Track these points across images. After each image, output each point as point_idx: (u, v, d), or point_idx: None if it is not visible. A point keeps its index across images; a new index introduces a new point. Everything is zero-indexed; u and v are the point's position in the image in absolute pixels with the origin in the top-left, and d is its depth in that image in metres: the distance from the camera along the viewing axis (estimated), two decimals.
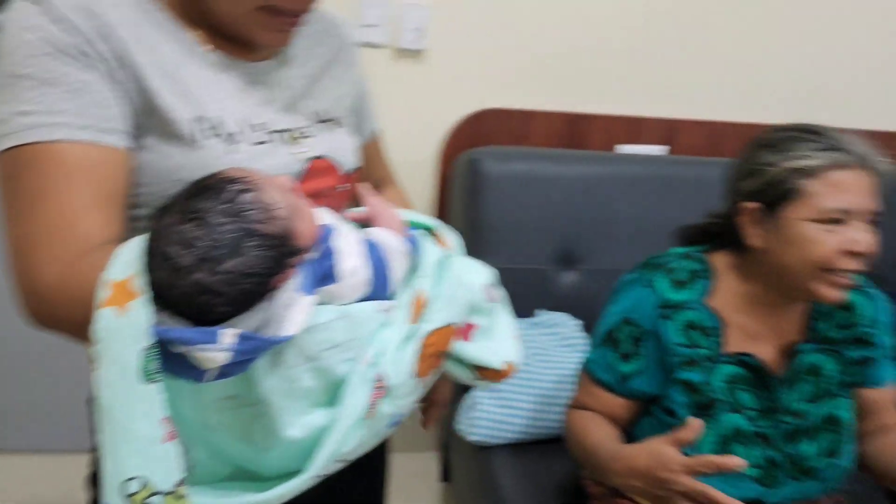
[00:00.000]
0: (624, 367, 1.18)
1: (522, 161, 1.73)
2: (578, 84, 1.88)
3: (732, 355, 1.15)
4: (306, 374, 0.74)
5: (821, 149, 1.07)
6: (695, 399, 1.14)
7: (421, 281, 0.83)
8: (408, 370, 0.79)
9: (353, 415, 0.75)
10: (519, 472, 1.45)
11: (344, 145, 0.95)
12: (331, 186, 0.92)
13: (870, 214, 1.06)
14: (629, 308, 1.18)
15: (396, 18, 1.71)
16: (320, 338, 0.74)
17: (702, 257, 1.19)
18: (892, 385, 1.23)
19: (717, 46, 1.90)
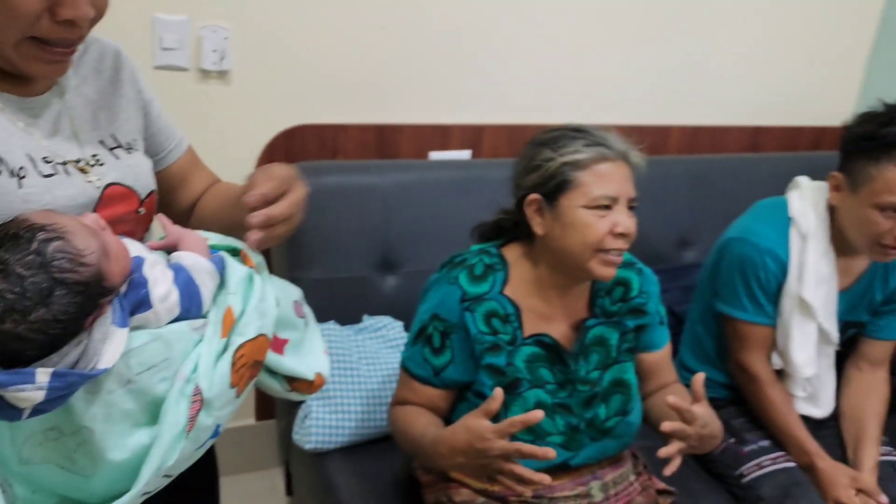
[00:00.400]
0: (436, 361, 1.27)
1: (337, 174, 1.79)
2: (387, 96, 1.95)
3: (530, 337, 1.27)
4: (124, 397, 0.77)
5: (588, 145, 1.22)
6: (500, 380, 1.25)
7: (230, 297, 0.87)
8: (223, 382, 0.83)
9: (175, 429, 0.78)
10: (354, 472, 1.51)
11: (139, 169, 0.96)
12: (129, 212, 0.94)
13: (630, 201, 1.22)
14: (437, 305, 1.27)
15: (195, 41, 1.72)
16: (135, 361, 0.77)
17: (496, 251, 1.31)
18: (666, 348, 1.41)
19: (512, 56, 2.05)
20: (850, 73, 2.57)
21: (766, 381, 1.61)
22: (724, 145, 2.43)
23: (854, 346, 1.73)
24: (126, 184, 0.92)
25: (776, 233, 1.59)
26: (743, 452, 1.61)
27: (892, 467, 1.62)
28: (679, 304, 1.99)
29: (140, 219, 0.96)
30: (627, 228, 1.19)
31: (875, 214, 1.46)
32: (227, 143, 1.83)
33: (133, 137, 0.98)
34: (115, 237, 0.80)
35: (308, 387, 0.96)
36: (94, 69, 0.95)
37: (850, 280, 1.64)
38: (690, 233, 2.16)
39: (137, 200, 0.95)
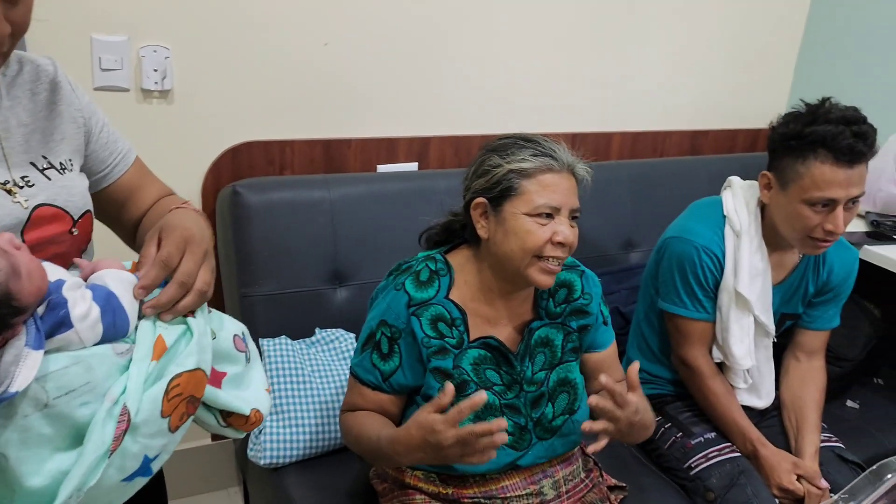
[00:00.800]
0: (385, 366, 1.29)
1: (285, 189, 1.80)
2: (333, 111, 1.97)
3: (476, 340, 1.30)
4: (41, 421, 0.75)
5: (535, 154, 1.25)
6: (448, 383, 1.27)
7: (159, 327, 0.86)
8: (153, 408, 0.81)
9: (99, 449, 0.77)
10: (310, 485, 1.51)
11: (72, 190, 0.95)
12: (62, 233, 0.93)
13: (572, 212, 1.26)
14: (384, 311, 1.29)
15: (135, 61, 1.71)
16: (53, 385, 0.75)
17: (441, 257, 1.34)
18: (611, 348, 1.44)
19: (457, 69, 2.09)
20: (780, 76, 2.68)
21: (707, 374, 1.67)
22: (664, 149, 2.50)
23: (790, 337, 1.80)
24: (57, 204, 0.92)
25: (711, 231, 1.65)
26: (690, 445, 1.66)
27: (832, 453, 1.69)
28: (626, 304, 2.05)
29: (74, 240, 0.95)
30: (566, 238, 1.23)
31: (805, 209, 1.53)
32: (172, 162, 1.82)
33: (67, 157, 0.97)
34: (29, 257, 0.78)
35: (243, 423, 0.95)
36: (29, 91, 0.95)
37: (784, 274, 1.71)
38: (635, 235, 2.22)
39: (70, 221, 0.94)
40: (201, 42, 1.77)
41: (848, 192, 1.49)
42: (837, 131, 1.46)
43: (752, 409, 1.71)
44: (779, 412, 1.77)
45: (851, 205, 1.52)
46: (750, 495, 1.54)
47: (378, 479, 1.43)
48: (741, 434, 1.63)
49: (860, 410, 2.02)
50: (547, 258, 1.23)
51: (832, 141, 1.46)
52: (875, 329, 2.07)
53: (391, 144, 2.06)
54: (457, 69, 2.10)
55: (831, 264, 1.71)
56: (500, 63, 2.15)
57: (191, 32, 1.75)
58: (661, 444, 1.71)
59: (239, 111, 1.86)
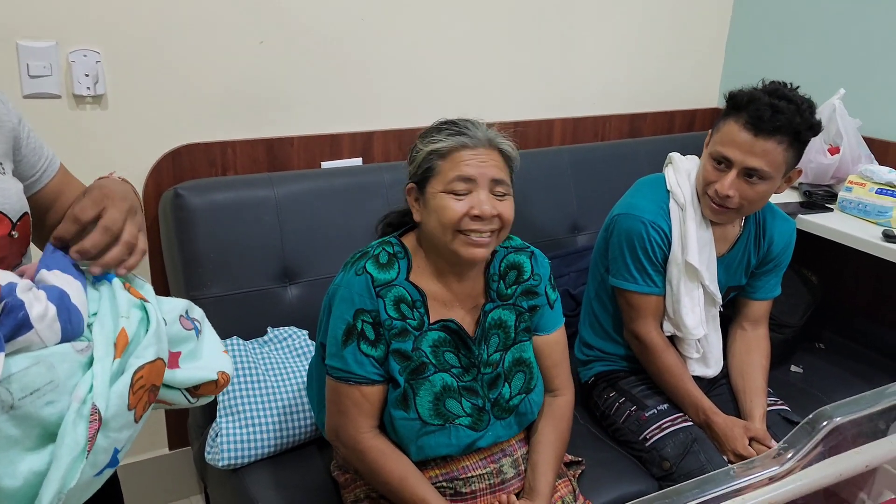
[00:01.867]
0: (376, 352, 1.27)
1: (228, 190, 1.78)
2: (274, 110, 1.95)
3: (436, 322, 1.31)
4: (7, 423, 0.75)
5: (450, 135, 1.28)
6: (407, 365, 1.28)
7: (121, 320, 0.87)
8: (121, 402, 0.82)
9: (74, 450, 0.77)
10: (271, 483, 1.50)
11: (7, 192, 0.94)
12: (2, 236, 0.92)
13: (493, 184, 1.26)
14: (354, 300, 1.27)
15: (65, 66, 1.67)
16: (17, 387, 0.75)
17: (396, 241, 1.34)
18: (557, 332, 1.46)
19: (396, 62, 2.09)
20: (713, 57, 2.75)
21: (659, 347, 1.71)
22: (604, 133, 2.55)
23: (735, 307, 1.86)
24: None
25: (657, 206, 1.69)
26: (644, 418, 1.70)
27: (779, 415, 1.75)
28: (575, 286, 2.09)
29: (14, 242, 0.93)
30: (484, 210, 1.24)
31: (708, 163, 1.62)
32: (109, 167, 1.73)
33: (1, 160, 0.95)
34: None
35: (213, 388, 0.96)
36: None
37: (727, 246, 1.76)
38: (580, 218, 2.26)
39: (9, 224, 0.92)
40: (133, 44, 1.74)
41: (744, 158, 1.55)
42: (756, 97, 1.53)
43: (701, 379, 1.76)
44: (727, 380, 1.82)
45: (749, 178, 1.57)
46: (703, 461, 1.58)
47: (339, 470, 1.43)
48: (694, 405, 1.68)
49: (804, 374, 2.09)
50: (467, 232, 1.25)
51: (747, 105, 1.54)
52: (814, 295, 2.15)
53: (334, 140, 2.06)
54: (397, 63, 2.10)
55: (771, 235, 1.77)
56: (440, 55, 2.17)
57: (121, 35, 1.72)
58: (617, 419, 1.74)
59: (177, 113, 1.83)
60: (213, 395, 0.99)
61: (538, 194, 2.20)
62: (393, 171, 1.97)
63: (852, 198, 2.04)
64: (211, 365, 0.97)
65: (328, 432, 1.34)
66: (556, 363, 1.44)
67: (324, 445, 1.60)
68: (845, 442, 0.87)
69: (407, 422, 1.27)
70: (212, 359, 0.99)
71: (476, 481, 1.32)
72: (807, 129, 1.55)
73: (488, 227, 1.25)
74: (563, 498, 1.40)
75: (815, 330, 2.25)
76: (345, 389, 1.28)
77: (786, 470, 0.80)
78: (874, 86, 2.28)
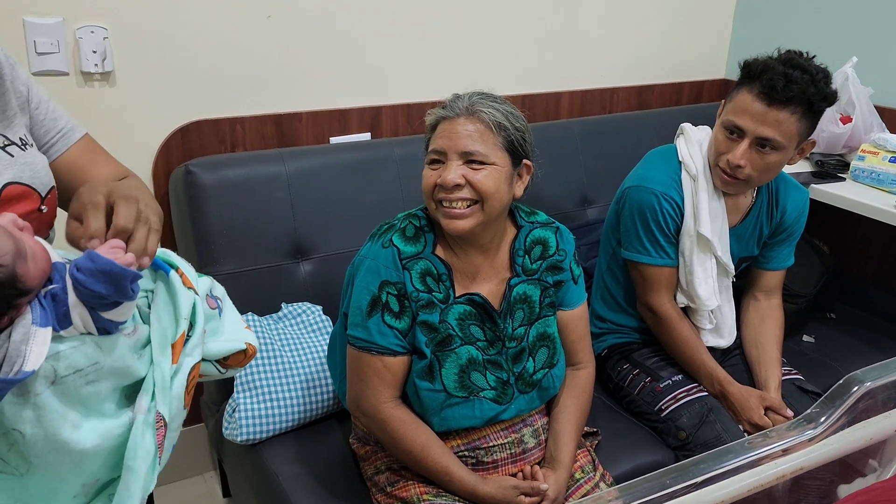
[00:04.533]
0: (400, 324, 1.28)
1: (239, 166, 1.77)
2: (282, 85, 1.94)
3: (462, 296, 1.31)
4: (51, 398, 0.76)
5: (440, 108, 1.29)
6: (434, 336, 1.28)
7: (182, 322, 0.87)
8: (179, 405, 0.85)
9: (147, 459, 0.81)
10: (290, 457, 1.51)
11: (35, 166, 0.93)
12: (32, 210, 0.91)
13: (466, 155, 1.24)
14: (380, 272, 1.27)
15: (73, 43, 1.65)
16: (62, 364, 0.76)
17: (422, 214, 1.34)
18: (581, 307, 1.46)
19: (403, 36, 2.06)
20: (720, 28, 2.73)
21: (674, 318, 1.71)
22: (612, 106, 2.53)
23: (748, 278, 1.86)
24: (24, 182, 0.90)
25: (669, 177, 1.68)
26: (659, 389, 1.70)
27: (793, 385, 1.75)
28: (586, 259, 2.08)
29: (43, 217, 0.93)
30: (445, 180, 1.22)
31: (720, 133, 1.61)
32: (118, 145, 1.73)
33: (24, 133, 0.94)
34: (33, 239, 0.78)
35: (242, 358, 0.97)
36: None
37: (739, 217, 1.75)
38: (590, 191, 2.25)
39: (38, 198, 0.92)
40: (140, 20, 1.72)
41: (756, 127, 1.53)
42: (770, 67, 1.51)
43: (715, 350, 1.76)
44: (741, 350, 1.82)
45: (762, 148, 1.56)
46: (720, 430, 1.59)
47: (359, 442, 1.44)
48: (709, 375, 1.68)
49: (816, 344, 2.09)
50: (443, 202, 1.25)
51: (761, 74, 1.52)
52: (826, 266, 2.15)
53: (343, 116, 2.04)
54: (404, 37, 2.08)
55: (784, 205, 1.76)
56: (447, 30, 2.14)
57: (129, 11, 1.70)
58: (631, 391, 1.75)
59: (185, 90, 1.82)
60: (241, 366, 1.00)
61: (547, 168, 2.15)
62: (402, 145, 1.96)
63: (865, 167, 2.03)
64: (237, 337, 0.98)
65: (349, 402, 1.35)
66: (580, 337, 1.45)
67: (343, 419, 1.61)
68: (875, 406, 0.87)
69: (432, 393, 1.27)
70: (235, 332, 0.99)
71: (497, 451, 1.33)
72: (821, 99, 1.54)
73: (456, 195, 1.23)
74: (582, 467, 1.41)
75: (827, 300, 2.25)
76: (367, 359, 1.28)
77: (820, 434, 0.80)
78: (886, 54, 2.26)
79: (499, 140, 1.26)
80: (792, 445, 0.79)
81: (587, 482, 1.40)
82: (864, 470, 1.20)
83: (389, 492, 1.33)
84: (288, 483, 1.44)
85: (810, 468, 0.81)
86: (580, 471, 1.40)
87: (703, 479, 0.73)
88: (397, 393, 1.31)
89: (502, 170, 1.26)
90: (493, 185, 1.24)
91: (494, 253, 1.35)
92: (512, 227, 1.39)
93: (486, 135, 1.25)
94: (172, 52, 1.77)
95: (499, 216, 1.30)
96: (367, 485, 1.40)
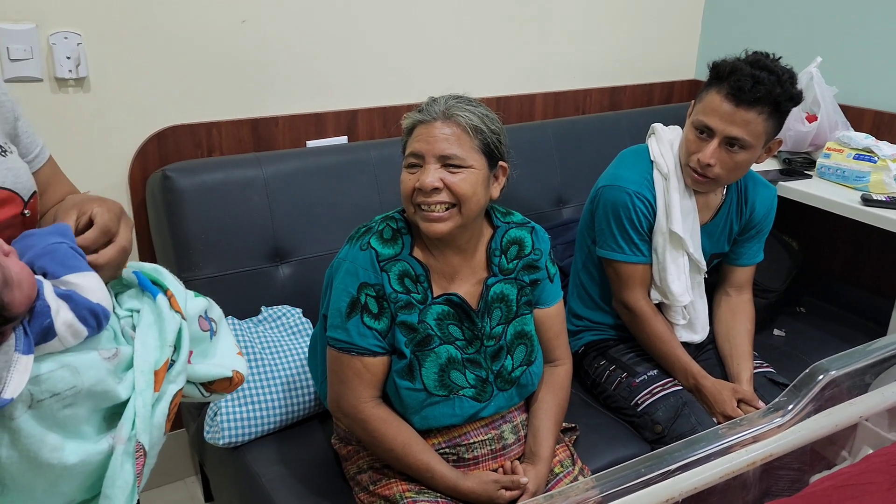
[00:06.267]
0: (379, 325, 1.29)
1: (216, 170, 1.77)
2: (258, 90, 1.94)
3: (440, 296, 1.33)
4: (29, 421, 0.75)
5: (416, 112, 1.31)
6: (413, 337, 1.30)
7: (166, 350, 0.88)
8: (160, 433, 0.86)
9: (125, 490, 0.80)
10: (272, 459, 1.51)
11: (18, 171, 0.94)
12: (15, 215, 0.92)
13: (444, 158, 1.26)
14: (358, 274, 1.29)
15: (46, 49, 1.65)
16: (39, 389, 0.76)
17: (400, 217, 1.36)
18: (557, 305, 1.49)
19: (378, 40, 2.08)
20: (689, 29, 2.78)
21: (648, 315, 1.74)
22: (585, 107, 2.57)
23: (720, 274, 1.90)
24: (7, 186, 0.90)
25: (641, 176, 1.72)
26: (635, 384, 1.73)
27: (765, 377, 1.80)
28: (562, 259, 2.11)
29: (25, 221, 0.93)
30: (423, 183, 1.24)
31: (690, 132, 1.65)
32: (94, 151, 1.77)
33: (4, 140, 0.95)
34: (19, 264, 0.77)
35: (227, 385, 0.97)
36: None
37: (710, 215, 1.79)
38: (564, 191, 2.28)
39: (21, 203, 0.92)
40: (114, 25, 1.71)
41: (725, 127, 1.58)
42: (738, 68, 1.55)
43: (689, 345, 1.80)
44: (714, 345, 1.86)
45: (731, 147, 1.60)
46: (694, 423, 1.62)
47: (341, 442, 1.45)
48: (683, 369, 1.72)
49: (787, 338, 2.15)
50: (422, 206, 1.26)
51: (729, 75, 1.57)
52: (794, 261, 2.20)
53: (319, 119, 2.05)
54: (380, 41, 2.09)
55: (753, 202, 1.81)
56: (422, 34, 2.16)
57: (102, 16, 1.69)
58: (608, 386, 1.78)
59: (161, 95, 1.82)
60: (226, 392, 1.00)
61: (522, 168, 2.18)
62: (379, 148, 1.98)
63: (830, 164, 2.09)
64: (225, 363, 0.98)
65: (330, 403, 1.36)
66: (556, 335, 1.47)
67: (324, 420, 1.62)
68: (840, 394, 0.90)
69: (412, 392, 1.29)
70: (226, 358, 0.99)
71: (478, 447, 1.35)
72: (787, 99, 1.58)
73: (435, 199, 1.25)
74: (561, 462, 1.44)
75: (797, 294, 2.31)
76: (347, 360, 1.30)
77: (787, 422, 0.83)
78: (850, 54, 2.32)
79: (475, 143, 1.27)
80: (761, 433, 0.82)
81: (566, 476, 1.42)
82: (836, 460, 1.24)
83: (372, 490, 1.34)
84: (271, 484, 1.45)
85: (779, 455, 0.84)
86: (559, 465, 1.43)
87: (677, 466, 0.75)
88: (377, 393, 1.32)
89: (479, 172, 1.28)
90: (471, 189, 1.26)
91: (471, 253, 1.37)
92: (488, 227, 1.41)
93: (462, 138, 1.26)
94: (147, 57, 1.77)
95: (476, 218, 1.32)
96: (350, 484, 1.42)
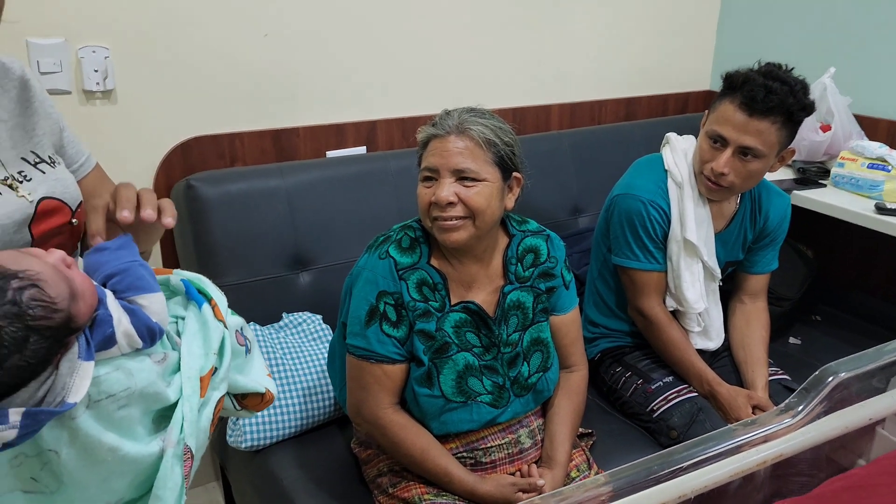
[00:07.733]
0: (398, 333, 1.32)
1: (240, 180, 1.82)
2: (280, 101, 1.99)
3: (457, 304, 1.36)
4: (88, 421, 0.78)
5: (430, 126, 1.33)
6: (431, 344, 1.33)
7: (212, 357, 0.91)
8: (206, 437, 0.89)
9: (175, 491, 0.84)
10: (294, 462, 1.54)
11: (66, 182, 0.98)
12: (63, 224, 0.96)
13: (458, 172, 1.28)
14: (378, 283, 1.32)
15: (75, 63, 1.70)
16: (96, 389, 0.79)
17: (417, 226, 1.39)
18: (573, 312, 1.51)
19: (398, 52, 2.12)
20: (704, 40, 2.80)
21: (664, 322, 1.76)
22: (601, 117, 2.60)
23: (734, 282, 1.92)
24: (57, 196, 0.94)
25: (655, 185, 1.74)
26: (650, 390, 1.75)
27: (780, 384, 1.81)
28: (578, 266, 2.13)
29: (73, 230, 0.98)
30: (439, 197, 1.27)
31: (704, 142, 1.67)
32: (121, 161, 1.82)
33: (53, 151, 0.99)
34: (82, 276, 0.81)
35: (258, 402, 1.01)
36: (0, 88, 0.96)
37: (724, 223, 1.81)
38: (580, 200, 2.31)
39: (69, 212, 0.97)
40: (141, 40, 1.77)
41: (739, 136, 1.60)
42: (751, 78, 1.57)
43: (704, 352, 1.82)
44: (729, 352, 1.88)
45: (744, 157, 1.62)
46: (709, 429, 1.63)
47: (361, 446, 1.48)
48: (698, 376, 1.73)
49: (802, 346, 2.15)
50: (438, 218, 1.29)
51: (742, 86, 1.59)
52: (809, 269, 2.21)
53: (339, 130, 2.09)
54: (398, 52, 2.13)
55: (766, 211, 1.83)
56: (440, 45, 2.20)
57: (129, 31, 1.75)
58: (624, 393, 1.80)
59: (185, 106, 1.87)
60: (255, 410, 1.02)
61: (539, 178, 2.21)
62: (398, 158, 2.02)
63: (845, 173, 2.10)
64: (259, 380, 1.02)
65: (350, 409, 1.39)
66: (572, 341, 1.50)
67: (344, 424, 1.65)
68: (850, 397, 0.92)
69: (431, 398, 1.32)
70: (259, 376, 1.03)
71: (495, 451, 1.38)
72: (799, 109, 1.60)
73: (450, 212, 1.27)
74: (577, 466, 1.46)
75: (812, 302, 2.32)
76: (367, 367, 1.32)
77: (797, 422, 0.85)
78: (863, 64, 2.34)
79: (489, 156, 1.29)
80: (772, 433, 0.84)
81: (582, 480, 1.44)
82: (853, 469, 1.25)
83: (391, 493, 1.37)
84: (292, 487, 1.48)
85: (790, 455, 0.86)
86: (576, 469, 1.45)
87: (688, 464, 0.77)
88: (396, 399, 1.35)
89: (493, 185, 1.30)
90: (485, 202, 1.29)
91: (488, 262, 1.40)
92: (504, 236, 1.44)
93: (476, 152, 1.29)
94: (172, 70, 1.82)
95: (491, 228, 1.35)
96: (370, 487, 1.45)
